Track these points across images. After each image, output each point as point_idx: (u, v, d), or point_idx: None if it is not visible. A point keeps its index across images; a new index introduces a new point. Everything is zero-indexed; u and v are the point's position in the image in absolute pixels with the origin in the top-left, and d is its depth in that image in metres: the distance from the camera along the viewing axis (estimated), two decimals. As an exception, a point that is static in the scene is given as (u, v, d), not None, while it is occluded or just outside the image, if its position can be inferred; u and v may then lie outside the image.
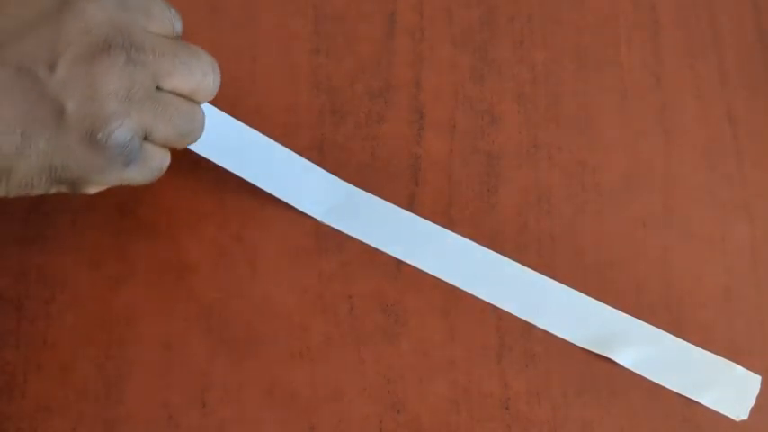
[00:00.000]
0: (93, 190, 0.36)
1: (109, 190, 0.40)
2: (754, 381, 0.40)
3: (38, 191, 0.34)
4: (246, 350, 0.40)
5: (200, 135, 0.38)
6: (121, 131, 0.34)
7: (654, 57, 0.46)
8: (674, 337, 0.40)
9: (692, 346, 0.40)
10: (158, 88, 0.35)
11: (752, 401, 0.39)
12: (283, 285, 0.41)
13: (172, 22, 0.36)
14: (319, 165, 0.43)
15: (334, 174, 0.42)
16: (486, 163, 0.44)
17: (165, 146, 0.37)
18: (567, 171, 0.44)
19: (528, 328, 0.41)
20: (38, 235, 0.41)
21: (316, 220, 0.42)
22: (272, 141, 0.42)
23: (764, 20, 0.47)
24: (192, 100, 0.37)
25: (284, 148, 0.42)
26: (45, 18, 0.33)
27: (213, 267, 0.41)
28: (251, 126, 0.42)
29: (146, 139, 0.36)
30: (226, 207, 0.42)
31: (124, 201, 0.42)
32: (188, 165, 0.41)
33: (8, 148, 0.32)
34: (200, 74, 0.36)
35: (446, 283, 0.41)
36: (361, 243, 0.42)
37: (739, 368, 0.40)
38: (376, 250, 0.42)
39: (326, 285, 0.41)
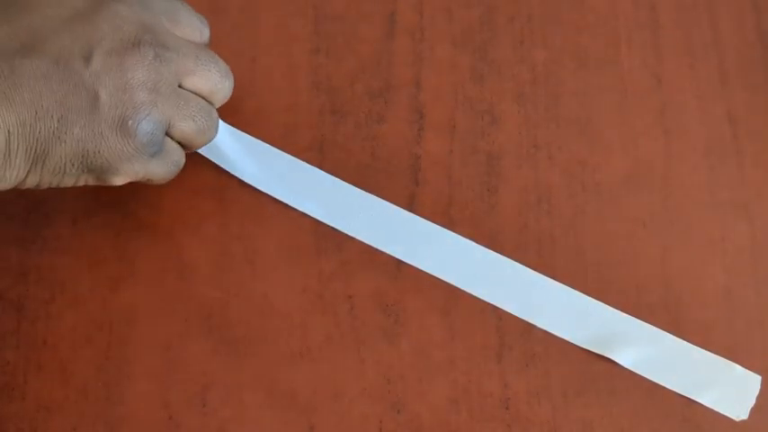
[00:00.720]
0: (119, 181, 0.37)
1: (109, 190, 0.40)
2: (754, 381, 0.39)
3: (68, 179, 0.36)
4: (246, 350, 0.40)
5: (215, 135, 0.39)
6: (149, 120, 0.36)
7: (654, 57, 0.46)
8: (674, 337, 0.40)
9: (692, 346, 0.40)
10: (180, 86, 0.37)
11: (752, 401, 0.39)
12: (283, 285, 0.41)
13: (199, 29, 0.39)
14: (319, 165, 0.43)
15: (334, 174, 0.42)
16: (486, 163, 0.44)
17: (182, 142, 0.39)
18: (567, 171, 0.44)
19: (528, 328, 0.41)
20: (38, 235, 0.41)
21: (315, 219, 0.42)
22: (271, 147, 0.42)
23: (764, 20, 0.47)
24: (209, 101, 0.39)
25: (283, 153, 0.42)
26: (81, 16, 0.35)
27: (213, 267, 0.41)
28: (251, 125, 0.42)
29: (166, 134, 0.37)
30: (226, 207, 0.42)
31: (124, 201, 0.42)
32: (188, 165, 0.41)
33: (45, 133, 0.34)
34: (219, 76, 0.39)
35: (446, 283, 0.41)
36: (361, 243, 0.42)
37: (739, 368, 0.40)
38: (376, 250, 0.42)
39: (326, 285, 0.41)
